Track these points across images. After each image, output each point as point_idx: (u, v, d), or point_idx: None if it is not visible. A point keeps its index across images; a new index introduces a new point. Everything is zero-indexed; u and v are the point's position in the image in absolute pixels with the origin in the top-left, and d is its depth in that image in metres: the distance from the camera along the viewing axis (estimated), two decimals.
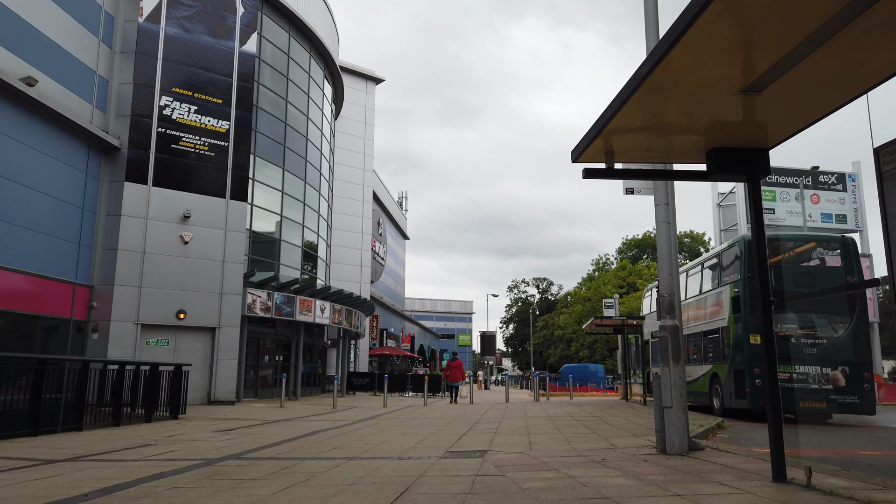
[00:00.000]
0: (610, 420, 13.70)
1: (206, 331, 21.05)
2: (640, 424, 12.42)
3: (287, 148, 28.98)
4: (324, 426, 13.07)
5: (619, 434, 10.43)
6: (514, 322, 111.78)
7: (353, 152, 42.02)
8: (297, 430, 12.09)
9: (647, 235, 76.77)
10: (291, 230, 29.42)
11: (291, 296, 25.43)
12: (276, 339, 27.89)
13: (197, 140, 21.58)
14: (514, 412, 17.04)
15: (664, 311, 7.71)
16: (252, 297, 23.56)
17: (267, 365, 27.32)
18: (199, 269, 20.96)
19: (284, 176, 28.70)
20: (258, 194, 26.97)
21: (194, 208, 21.11)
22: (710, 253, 20.14)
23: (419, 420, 14.48)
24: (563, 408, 19.31)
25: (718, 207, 44.72)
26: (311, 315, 26.53)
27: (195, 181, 21.36)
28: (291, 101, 29.58)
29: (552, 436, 10.25)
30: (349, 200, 41.48)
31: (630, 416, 15.01)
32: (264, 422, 14.62)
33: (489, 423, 12.99)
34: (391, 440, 9.98)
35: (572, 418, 14.34)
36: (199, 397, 20.74)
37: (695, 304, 20.50)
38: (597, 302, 52.01)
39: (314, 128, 32.24)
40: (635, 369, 24.57)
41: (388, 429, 12.16)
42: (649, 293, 26.61)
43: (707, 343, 19.40)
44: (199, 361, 20.86)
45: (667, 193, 8.11)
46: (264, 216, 27.56)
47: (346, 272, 40.46)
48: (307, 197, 30.81)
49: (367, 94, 43.40)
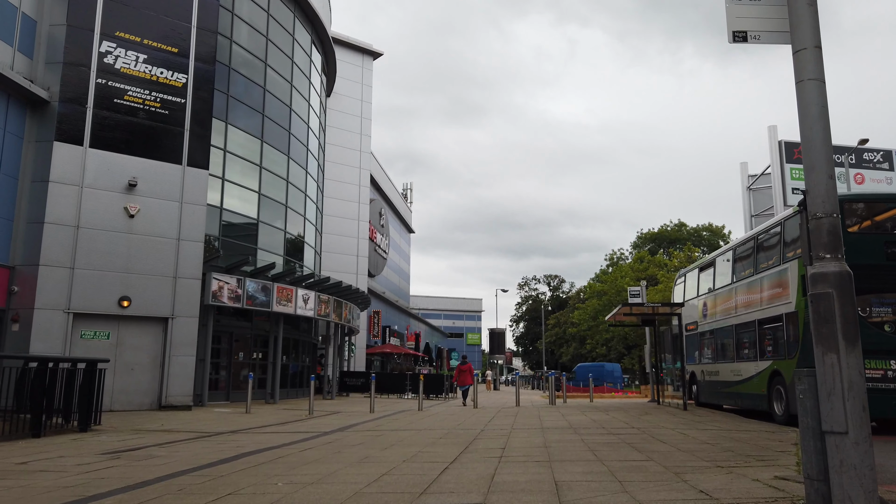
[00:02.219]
0: (658, 434, 10.08)
1: (157, 322, 17.57)
2: (707, 443, 8.80)
3: (266, 117, 25.51)
4: (267, 443, 9.54)
5: (692, 462, 6.83)
6: (525, 320, 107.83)
7: (349, 132, 38.50)
8: (223, 452, 8.57)
9: (663, 228, 73.04)
10: (272, 211, 25.93)
11: (267, 283, 21.93)
12: (254, 333, 24.41)
13: (147, 95, 18.10)
14: (526, 420, 13.45)
15: (821, 247, 4.03)
16: (218, 284, 20.08)
17: (242, 363, 23.84)
18: (149, 247, 17.48)
19: (263, 149, 25.22)
20: (231, 167, 23.52)
21: (142, 175, 17.64)
22: (766, 225, 16.45)
23: (401, 434, 10.92)
24: (587, 414, 15.70)
25: (749, 191, 40.75)
26: (291, 305, 23.02)
27: (144, 143, 17.88)
28: (272, 65, 26.10)
29: (589, 467, 6.65)
30: (344, 184, 37.96)
31: (679, 427, 11.38)
32: (199, 436, 11.11)
33: (493, 440, 9.43)
34: (335, 474, 6.43)
35: (605, 430, 10.75)
36: (148, 402, 17.27)
37: (744, 288, 16.85)
38: (613, 296, 48.24)
39: (300, 98, 28.75)
40: (671, 367, 20.90)
41: (347, 450, 8.60)
42: (682, 279, 22.96)
43: (764, 334, 15.74)
44: (147, 358, 17.40)
45: (814, 28, 4.41)
46: (239, 193, 24.09)
47: (341, 262, 36.96)
48: (291, 175, 27.33)
49: (363, 69, 39.86)
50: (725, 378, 18.00)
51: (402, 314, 62.79)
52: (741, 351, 17.07)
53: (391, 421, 14.20)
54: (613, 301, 45.56)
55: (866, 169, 35.75)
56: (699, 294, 20.57)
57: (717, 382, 18.65)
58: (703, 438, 9.36)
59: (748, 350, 16.68)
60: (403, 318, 63.30)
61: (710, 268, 20.00)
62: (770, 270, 15.38)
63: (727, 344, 18.08)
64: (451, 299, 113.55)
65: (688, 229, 73.24)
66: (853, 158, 35.00)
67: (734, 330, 17.40)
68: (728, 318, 17.79)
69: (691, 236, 69.76)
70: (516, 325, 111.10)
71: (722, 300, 18.46)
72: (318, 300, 24.90)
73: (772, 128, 35.03)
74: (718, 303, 18.75)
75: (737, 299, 17.32)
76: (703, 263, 21.07)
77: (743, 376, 16.88)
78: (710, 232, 70.73)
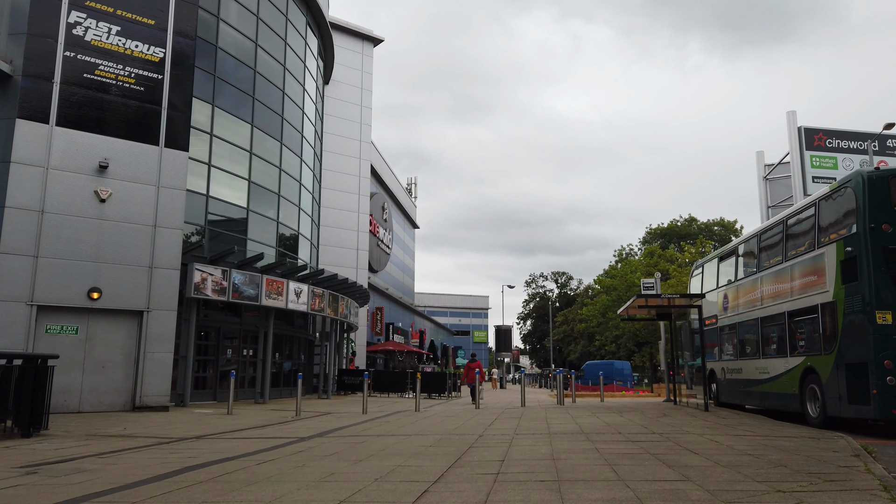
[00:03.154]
0: (685, 442, 8.58)
1: (131, 315, 16.17)
2: (748, 454, 7.32)
3: (257, 100, 24.10)
4: (225, 453, 8.11)
5: (742, 484, 5.34)
6: (533, 318, 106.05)
7: (348, 121, 37.04)
8: (167, 465, 7.15)
9: (673, 224, 71.37)
10: (264, 200, 24.53)
11: (256, 275, 20.53)
12: (244, 328, 23.03)
13: (120, 70, 16.70)
14: (532, 423, 11.99)
15: None
16: (201, 275, 18.69)
17: (230, 361, 22.46)
18: (122, 235, 16.09)
19: (254, 134, 23.82)
20: (219, 153, 22.13)
21: (115, 157, 16.24)
22: (797, 207, 14.90)
23: (386, 441, 9.48)
24: (599, 415, 14.21)
25: (765, 181, 39.00)
26: (281, 299, 21.60)
27: (117, 122, 16.47)
28: (263, 46, 24.69)
29: (610, 491, 5.17)
30: (343, 175, 36.52)
31: (707, 432, 9.88)
32: (157, 442, 9.71)
33: (491, 449, 7.98)
34: (278, 501, 4.98)
35: (622, 436, 9.28)
36: (121, 402, 15.88)
37: (771, 277, 15.35)
38: (623, 291, 46.63)
39: (294, 82, 27.34)
40: (688, 364, 19.36)
41: (313, 463, 7.15)
42: (699, 270, 21.42)
43: (795, 327, 14.22)
44: (120, 355, 16.00)
45: None
46: (228, 180, 22.70)
47: (340, 256, 35.54)
48: (285, 162, 25.92)
49: (363, 55, 38.39)
50: (749, 376, 16.48)
51: (407, 311, 61.39)
52: (768, 346, 15.56)
53: (381, 424, 12.77)
54: (623, 297, 44.00)
55: (890, 156, 34.05)
56: (719, 286, 19.05)
57: (740, 381, 17.13)
58: (741, 447, 7.87)
59: (776, 345, 15.17)
60: (408, 316, 61.90)
61: (732, 257, 18.47)
62: (802, 257, 13.84)
63: (751, 339, 16.57)
64: (458, 297, 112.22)
65: (698, 224, 71.54)
66: (876, 146, 33.30)
67: (759, 323, 15.87)
68: (752, 311, 16.26)
69: (702, 231, 68.08)
70: (523, 323, 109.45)
71: (745, 291, 16.93)
72: (312, 294, 23.48)
73: (790, 113, 33.35)
74: (741, 294, 17.22)
75: (762, 290, 15.79)
76: (723, 252, 19.53)
77: (770, 374, 15.36)
78: (721, 227, 69.02)
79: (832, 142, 33.87)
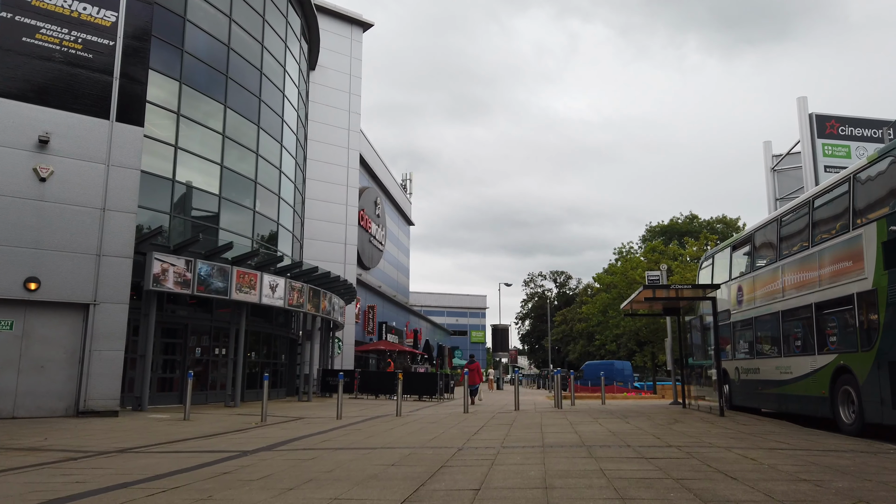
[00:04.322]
0: (713, 459, 6.81)
1: (75, 309, 14.37)
2: (803, 479, 5.54)
3: (231, 79, 22.32)
4: (123, 477, 6.35)
5: None
6: (531, 318, 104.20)
7: (336, 109, 35.23)
8: (39, 492, 5.39)
9: (674, 221, 69.73)
10: (239, 187, 22.75)
11: (225, 266, 18.74)
12: (215, 325, 21.26)
13: (65, 35, 14.92)
14: (523, 433, 10.21)
15: None
16: (161, 265, 16.91)
17: (200, 360, 20.68)
18: (65, 218, 14.30)
19: (227, 115, 22.05)
20: (187, 134, 20.36)
21: (57, 130, 14.46)
22: (826, 184, 13.14)
23: (339, 457, 7.70)
24: (601, 421, 12.44)
25: (773, 172, 37.19)
26: (254, 293, 19.81)
27: (61, 93, 14.68)
28: (238, 22, 22.92)
29: None
30: (331, 165, 34.71)
31: (734, 445, 8.12)
32: (65, 458, 7.93)
33: (465, 471, 6.21)
34: None
35: (631, 450, 7.52)
36: (63, 406, 14.07)
37: (795, 265, 13.62)
38: (624, 289, 44.85)
39: (273, 62, 25.57)
40: (698, 363, 17.59)
41: (226, 493, 5.37)
42: (709, 261, 19.69)
43: (824, 320, 12.49)
44: (62, 354, 14.20)
45: None
46: (198, 165, 20.92)
47: (327, 250, 33.74)
48: (262, 147, 24.14)
49: (352, 40, 36.59)
50: (768, 376, 14.74)
51: (402, 310, 59.58)
52: (790, 343, 13.82)
53: (350, 433, 11.00)
54: (624, 294, 42.18)
55: None
56: (732, 278, 17.32)
57: (757, 382, 15.40)
58: (788, 468, 6.11)
59: (801, 342, 13.43)
60: (402, 315, 60.09)
61: (747, 245, 16.71)
62: (834, 240, 12.09)
63: (770, 335, 14.83)
64: (455, 296, 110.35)
65: (700, 221, 69.87)
66: (892, 133, 31.54)
67: (780, 318, 14.13)
68: (772, 304, 14.53)
69: (703, 229, 66.46)
70: (522, 323, 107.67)
71: (763, 282, 15.19)
72: (290, 288, 21.69)
73: (801, 99, 31.56)
74: (758, 286, 15.48)
75: (784, 280, 14.04)
76: (736, 241, 17.77)
77: (793, 374, 13.62)
78: (723, 224, 67.35)
79: (845, 129, 32.05)
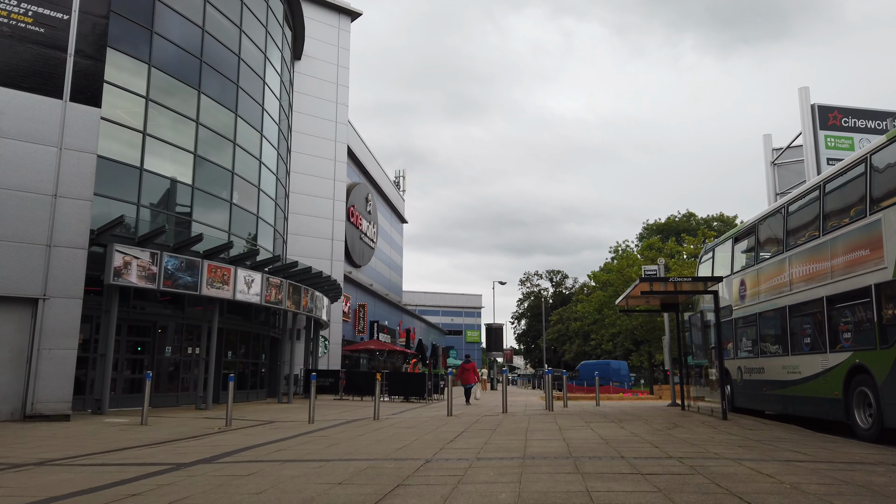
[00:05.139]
0: (723, 476, 5.67)
1: (22, 304, 13.21)
2: (828, 501, 4.45)
3: (206, 63, 21.16)
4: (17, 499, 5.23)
5: None
6: (527, 317, 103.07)
7: (322, 100, 34.06)
8: None
9: (671, 219, 68.75)
10: (213, 177, 21.58)
11: (194, 259, 17.58)
12: (188, 323, 20.11)
13: (13, 6, 13.75)
14: (505, 440, 9.09)
15: None
16: (123, 258, 15.75)
17: (170, 360, 19.50)
18: (10, 205, 13.12)
19: (201, 101, 20.88)
20: (157, 120, 19.19)
21: (4, 109, 13.23)
22: (842, 164, 12.01)
23: (283, 474, 6.57)
24: (593, 426, 11.32)
25: (773, 166, 36.12)
26: (228, 289, 18.65)
27: (7, 69, 13.49)
28: (214, 3, 21.74)
29: None
30: (317, 159, 33.54)
31: (743, 456, 7.01)
32: None
33: (423, 494, 5.09)
34: None
35: (627, 465, 6.39)
36: (8, 410, 12.88)
37: (804, 255, 12.57)
38: (621, 287, 43.76)
39: (252, 47, 24.40)
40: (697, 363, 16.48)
41: None
42: (710, 254, 18.63)
43: (837, 315, 11.43)
44: (6, 353, 13.00)
45: None
46: (170, 153, 19.75)
47: (313, 247, 32.56)
48: (240, 136, 22.97)
49: (339, 30, 35.43)
50: (773, 376, 13.67)
51: (394, 309, 58.43)
52: (799, 340, 12.75)
53: (310, 441, 9.87)
54: (620, 292, 41.09)
55: None
56: (733, 271, 16.25)
57: (760, 382, 14.33)
58: (815, 489, 5.00)
59: (810, 339, 12.35)
60: (395, 314, 58.94)
61: (750, 236, 15.62)
62: (849, 227, 11.01)
63: (776, 332, 13.76)
64: (450, 295, 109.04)
65: (697, 219, 68.92)
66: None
67: (787, 313, 13.06)
68: (778, 298, 13.46)
69: (701, 226, 65.54)
70: (518, 323, 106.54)
71: (768, 276, 14.12)
72: (267, 284, 20.54)
73: (803, 89, 30.45)
74: (763, 280, 14.40)
75: (792, 272, 12.96)
76: (738, 232, 16.67)
77: (801, 374, 12.56)
78: (721, 222, 66.40)
79: (848, 121, 30.95)
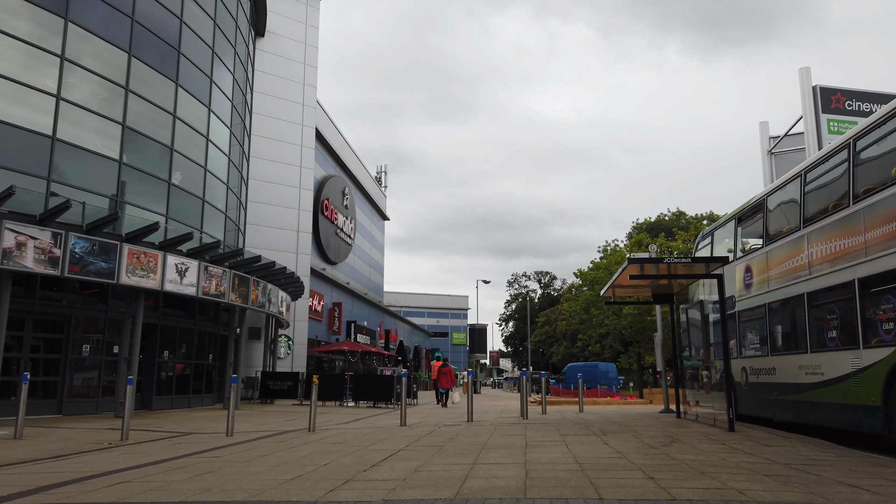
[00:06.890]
0: None
1: None
2: None
3: (138, 23, 18.63)
4: None
5: None
6: (515, 319, 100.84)
7: (289, 80, 31.53)
8: None
9: (661, 217, 66.78)
10: (147, 153, 19.02)
11: (111, 242, 15.03)
12: (112, 317, 17.55)
13: None
14: (445, 464, 6.65)
15: None
16: (16, 238, 13.20)
17: (84, 361, 16.92)
18: None
19: (132, 65, 18.32)
20: (76, 85, 16.65)
21: None
22: (876, 117, 9.65)
23: None
24: (569, 440, 8.90)
25: (770, 155, 33.88)
26: (155, 277, 16.10)
27: None
28: None
29: None
30: (283, 143, 30.99)
31: (785, 500, 4.63)
32: None
33: None
34: None
35: None
36: None
37: (827, 231, 10.25)
38: None
39: (199, 11, 21.84)
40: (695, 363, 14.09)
41: None
42: (708, 239, 16.25)
43: (874, 302, 9.09)
44: None
45: None
46: (93, 123, 17.19)
47: (276, 238, 29.98)
48: (182, 109, 20.40)
49: (308, 6, 32.91)
50: (787, 378, 11.31)
51: (374, 309, 55.84)
52: (821, 334, 10.38)
53: (186, 466, 7.39)
54: None
55: None
56: (737, 257, 13.90)
57: (771, 385, 11.97)
58: None
59: (836, 332, 9.99)
60: (375, 314, 56.33)
61: (758, 214, 13.20)
62: (887, 191, 8.69)
63: (791, 325, 11.40)
64: (436, 296, 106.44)
65: (687, 218, 66.96)
66: None
67: (805, 301, 10.70)
68: (794, 284, 11.10)
69: (691, 225, 63.59)
70: (505, 325, 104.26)
71: (781, 258, 11.73)
72: (206, 273, 17.99)
73: (804, 70, 28.18)
74: (774, 264, 12.02)
75: (812, 251, 10.61)
76: (743, 210, 14.21)
77: (825, 376, 10.20)
78: (711, 221, 64.49)
79: (851, 104, 28.68)
